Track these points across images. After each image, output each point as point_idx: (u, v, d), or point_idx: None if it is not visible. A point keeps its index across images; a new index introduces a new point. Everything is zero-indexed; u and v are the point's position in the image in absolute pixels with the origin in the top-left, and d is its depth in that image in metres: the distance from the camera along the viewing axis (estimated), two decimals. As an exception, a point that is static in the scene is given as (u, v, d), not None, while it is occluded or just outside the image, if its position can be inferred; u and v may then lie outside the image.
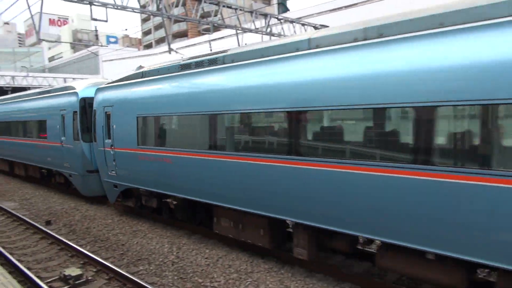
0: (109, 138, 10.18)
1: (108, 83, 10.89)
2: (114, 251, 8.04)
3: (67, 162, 12.45)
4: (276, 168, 6.11)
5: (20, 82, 46.32)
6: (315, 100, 5.55)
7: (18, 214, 10.69)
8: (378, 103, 4.89)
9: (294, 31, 21.13)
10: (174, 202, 8.58)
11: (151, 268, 7.07)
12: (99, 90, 10.88)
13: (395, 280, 6.12)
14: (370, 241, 5.96)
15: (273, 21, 21.24)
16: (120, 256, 7.75)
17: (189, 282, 6.40)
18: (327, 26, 21.87)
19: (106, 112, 10.28)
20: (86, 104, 11.79)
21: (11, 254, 7.73)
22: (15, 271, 6.88)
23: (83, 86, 12.47)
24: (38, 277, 6.50)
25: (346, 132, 5.56)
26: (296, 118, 5.83)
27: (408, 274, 5.25)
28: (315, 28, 21.75)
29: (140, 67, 10.08)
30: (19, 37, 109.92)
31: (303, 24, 21.43)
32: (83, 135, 11.70)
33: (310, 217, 5.81)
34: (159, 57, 51.76)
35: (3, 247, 8.18)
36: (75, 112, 11.94)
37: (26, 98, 16.42)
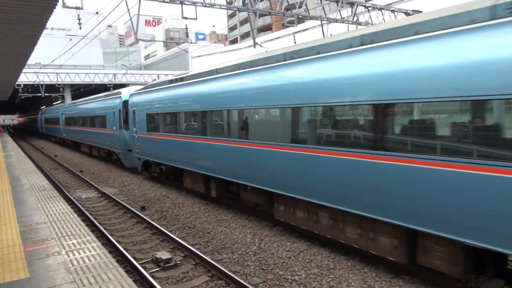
0: (134, 127, 15.18)
1: (135, 90, 15.93)
2: (200, 238, 8.40)
3: (117, 144, 17.62)
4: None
5: (120, 79, 50.79)
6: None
7: (117, 199, 11.72)
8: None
9: (383, 19, 20.01)
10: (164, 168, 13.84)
11: (234, 257, 7.24)
12: (131, 95, 15.96)
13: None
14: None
15: (360, 9, 20.31)
16: (206, 243, 8.06)
17: (270, 273, 6.41)
18: (420, 12, 20.29)
19: (133, 110, 15.37)
20: (127, 105, 16.53)
21: (111, 235, 8.49)
22: (114, 250, 7.54)
23: (126, 92, 17.27)
24: (134, 258, 7.03)
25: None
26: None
27: None
28: (406, 14, 20.34)
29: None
30: (120, 38, 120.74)
31: (393, 11, 20.17)
32: (124, 125, 16.77)
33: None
34: (244, 51, 53.01)
35: (105, 229, 9.03)
36: (119, 110, 17.10)
37: (94, 100, 22.59)
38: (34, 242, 5.58)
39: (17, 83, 33.34)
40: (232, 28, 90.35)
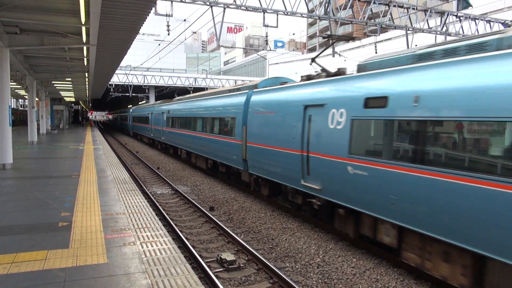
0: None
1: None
2: (265, 243, 8.44)
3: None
4: None
5: (200, 83, 53.23)
6: None
7: (189, 198, 12.26)
8: None
9: (476, 30, 18.57)
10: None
11: (296, 266, 7.16)
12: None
13: None
14: None
15: (450, 19, 19.07)
16: (270, 249, 8.08)
17: (334, 289, 6.22)
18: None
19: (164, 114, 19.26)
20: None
21: (180, 231, 8.89)
22: (182, 246, 7.88)
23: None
24: (200, 255, 7.29)
25: None
26: None
27: None
28: (505, 25, 18.65)
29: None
30: (202, 44, 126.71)
31: (488, 21, 18.64)
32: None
33: None
34: (322, 60, 52.57)
35: (176, 225, 9.48)
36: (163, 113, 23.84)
37: (150, 106, 27.01)
38: (114, 230, 6.04)
39: (109, 82, 36.58)
40: (311, 37, 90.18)
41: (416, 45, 10.79)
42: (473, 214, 5.03)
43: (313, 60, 10.32)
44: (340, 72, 8.89)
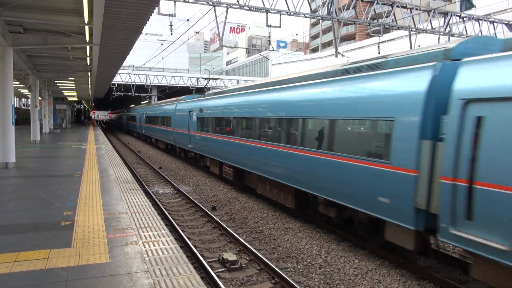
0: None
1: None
2: (267, 244, 8.43)
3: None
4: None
5: (202, 83, 53.22)
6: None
7: (191, 198, 12.26)
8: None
9: (480, 31, 18.51)
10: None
11: (298, 267, 7.15)
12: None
13: None
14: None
15: (454, 20, 19.02)
16: (272, 250, 8.07)
17: (336, 290, 6.21)
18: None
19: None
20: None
21: (182, 231, 8.90)
22: (184, 246, 7.88)
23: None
24: (202, 255, 7.28)
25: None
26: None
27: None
28: (508, 26, 18.58)
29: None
30: (205, 44, 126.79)
31: (492, 22, 18.58)
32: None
33: None
34: (325, 60, 52.54)
35: (178, 224, 9.49)
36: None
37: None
38: (116, 230, 6.04)
39: (112, 82, 36.65)
40: (314, 37, 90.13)
41: (419, 46, 10.83)
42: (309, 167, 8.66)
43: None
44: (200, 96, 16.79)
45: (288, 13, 16.54)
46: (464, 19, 19.52)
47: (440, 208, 5.50)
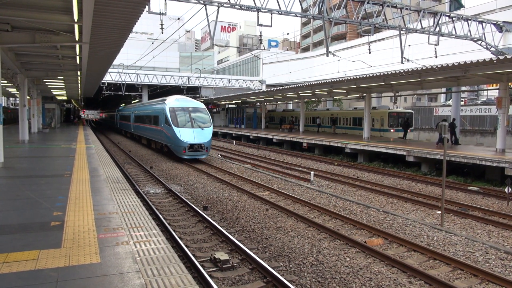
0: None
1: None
2: (258, 243, 8.44)
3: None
4: None
5: (193, 82, 53.01)
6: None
7: (182, 197, 12.21)
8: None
9: (469, 31, 18.72)
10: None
11: (290, 266, 7.16)
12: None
13: None
14: None
15: (444, 20, 19.19)
16: (263, 249, 8.08)
17: (327, 287, 6.24)
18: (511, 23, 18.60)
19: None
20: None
21: (174, 231, 8.85)
22: (175, 246, 7.84)
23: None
24: (193, 255, 7.26)
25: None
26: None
27: None
28: (496, 26, 18.83)
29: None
30: (196, 43, 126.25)
31: (480, 22, 18.80)
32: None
33: None
34: (316, 59, 52.68)
35: (169, 224, 9.44)
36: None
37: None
38: (107, 230, 5.99)
39: (102, 81, 36.34)
40: (305, 36, 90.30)
41: (409, 45, 10.84)
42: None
43: None
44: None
45: (279, 12, 16.55)
46: (454, 19, 19.72)
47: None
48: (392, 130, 30.63)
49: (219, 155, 25.90)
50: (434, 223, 10.13)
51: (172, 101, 22.76)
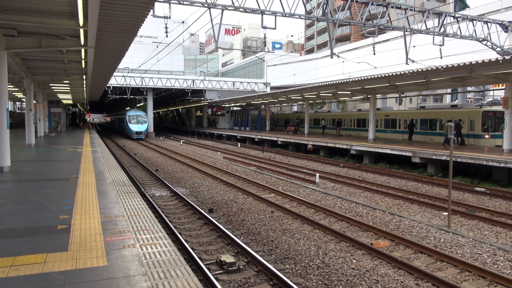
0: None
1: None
2: (264, 245, 8.42)
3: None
4: None
5: (198, 85, 53.14)
6: None
7: (188, 200, 12.22)
8: None
9: (474, 31, 18.62)
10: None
11: (296, 268, 7.14)
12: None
13: None
14: None
15: (448, 20, 19.11)
16: (269, 251, 8.06)
17: (334, 290, 6.21)
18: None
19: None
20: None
21: (180, 233, 8.86)
22: (181, 249, 7.85)
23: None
24: (199, 258, 7.26)
25: None
26: None
27: None
28: (502, 26, 18.72)
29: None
30: (200, 46, 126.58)
31: (486, 22, 18.69)
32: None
33: None
34: (321, 61, 52.64)
35: (175, 227, 9.45)
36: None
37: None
38: (113, 233, 6.01)
39: (107, 84, 36.54)
40: (309, 38, 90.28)
41: (414, 46, 10.79)
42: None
43: None
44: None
45: (283, 15, 16.56)
46: (458, 19, 19.63)
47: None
48: (487, 136, 22.19)
49: (222, 157, 25.91)
50: (441, 225, 10.07)
51: (130, 111, 48.14)
